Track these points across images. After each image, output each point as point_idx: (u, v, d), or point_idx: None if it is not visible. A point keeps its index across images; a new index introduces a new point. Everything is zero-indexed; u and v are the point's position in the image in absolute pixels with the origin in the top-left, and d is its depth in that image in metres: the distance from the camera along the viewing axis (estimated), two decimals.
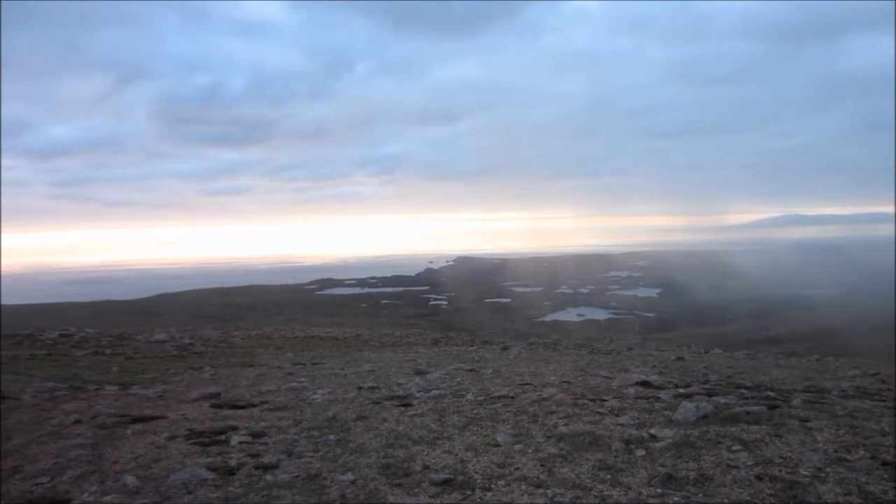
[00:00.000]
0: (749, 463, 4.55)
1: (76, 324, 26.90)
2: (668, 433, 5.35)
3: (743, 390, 7.79)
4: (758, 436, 5.23)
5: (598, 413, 6.38)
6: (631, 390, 7.85)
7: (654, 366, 12.26)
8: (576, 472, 4.51)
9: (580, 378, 9.53)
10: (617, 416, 6.22)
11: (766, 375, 10.56)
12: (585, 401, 7.06)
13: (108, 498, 4.20)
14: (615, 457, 4.84)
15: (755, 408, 6.14)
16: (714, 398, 6.89)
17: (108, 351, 15.29)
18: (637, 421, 5.94)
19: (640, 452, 4.90)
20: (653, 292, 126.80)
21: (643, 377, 8.93)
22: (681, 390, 7.71)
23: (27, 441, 5.92)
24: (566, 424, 5.89)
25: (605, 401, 7.05)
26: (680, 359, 14.47)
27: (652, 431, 5.46)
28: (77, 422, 6.69)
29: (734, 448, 4.90)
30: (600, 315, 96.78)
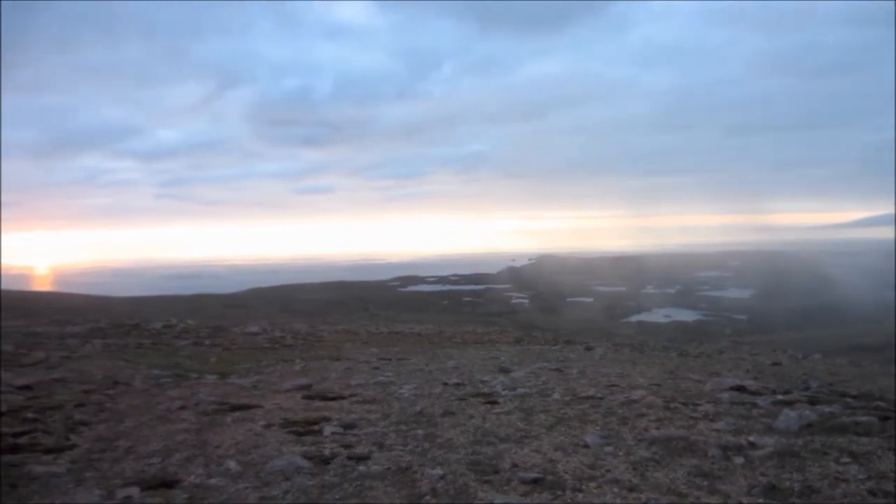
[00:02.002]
0: (860, 476, 4.28)
1: (177, 315, 28.51)
2: (768, 441, 5.10)
3: (848, 399, 7.33)
4: (869, 448, 4.90)
5: (692, 417, 6.16)
6: (725, 395, 7.55)
7: (748, 370, 11.72)
8: (670, 477, 4.39)
9: (669, 381, 9.24)
10: (712, 421, 6.00)
11: (873, 384, 9.88)
12: (677, 404, 6.84)
13: (213, 480, 4.44)
14: (712, 463, 4.66)
15: (864, 418, 5.77)
16: (817, 406, 6.52)
17: (206, 342, 16.12)
18: (734, 427, 5.70)
19: (739, 460, 4.70)
20: (745, 293, 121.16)
21: (737, 381, 8.56)
22: (779, 397, 7.34)
23: (138, 424, 6.34)
24: (658, 428, 5.73)
25: (699, 405, 6.81)
26: (776, 364, 13.77)
27: (751, 439, 5.22)
28: (182, 408, 7.11)
29: (843, 460, 4.62)
30: (688, 316, 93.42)
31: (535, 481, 4.33)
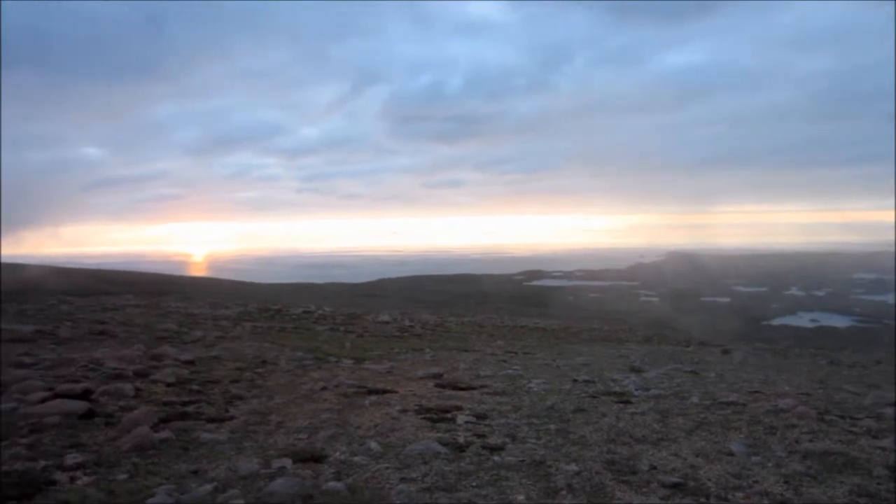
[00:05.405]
0: None
1: (315, 302, 30.20)
2: None
3: None
4: None
5: (851, 432, 5.68)
6: (888, 410, 6.86)
7: None
8: (828, 494, 4.07)
9: (820, 391, 8.57)
10: (875, 437, 5.49)
11: None
12: (833, 417, 6.33)
13: (356, 458, 4.68)
14: (878, 484, 4.27)
15: None
16: None
17: (341, 328, 16.97)
18: None
19: None
20: None
21: None
22: None
23: (287, 401, 6.80)
24: (811, 441, 5.33)
25: (858, 419, 6.26)
26: None
27: None
28: (324, 388, 7.55)
29: None
30: (839, 322, 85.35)
31: (676, 486, 4.18)
